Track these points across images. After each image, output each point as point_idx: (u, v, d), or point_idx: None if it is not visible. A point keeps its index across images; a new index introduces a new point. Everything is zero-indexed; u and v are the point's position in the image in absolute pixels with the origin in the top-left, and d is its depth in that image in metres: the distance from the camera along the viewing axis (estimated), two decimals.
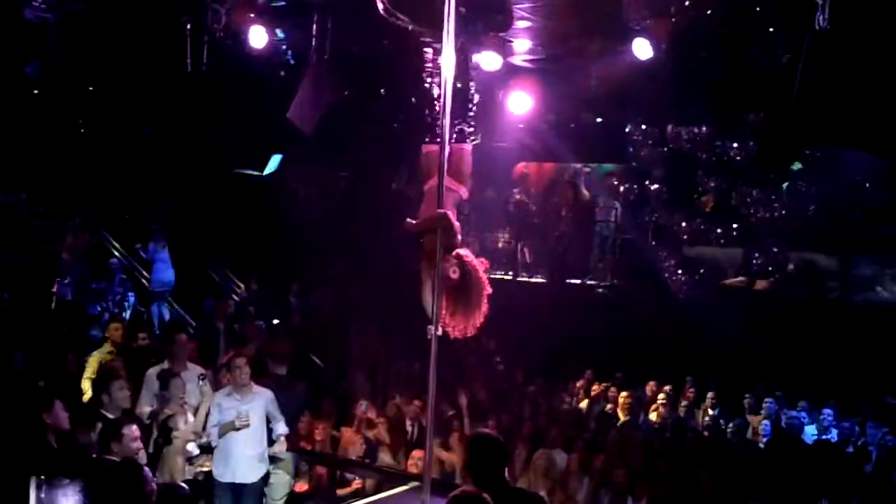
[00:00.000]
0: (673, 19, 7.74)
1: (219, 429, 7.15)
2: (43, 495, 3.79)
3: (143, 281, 13.79)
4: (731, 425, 9.80)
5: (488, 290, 5.08)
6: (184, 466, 6.72)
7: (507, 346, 12.65)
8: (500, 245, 15.40)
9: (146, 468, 4.57)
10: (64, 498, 3.81)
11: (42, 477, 3.88)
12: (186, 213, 14.87)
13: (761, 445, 9.66)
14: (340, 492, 8.25)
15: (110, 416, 6.08)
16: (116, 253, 14.39)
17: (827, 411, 10.25)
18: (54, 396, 6.02)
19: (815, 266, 13.06)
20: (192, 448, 7.07)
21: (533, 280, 14.74)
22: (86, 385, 7.76)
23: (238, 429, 7.10)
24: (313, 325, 13.25)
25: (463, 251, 5.12)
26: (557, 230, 14.61)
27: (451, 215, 5.05)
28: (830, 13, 6.33)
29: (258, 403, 7.32)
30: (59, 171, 15.10)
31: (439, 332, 4.88)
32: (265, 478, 7.50)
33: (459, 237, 5.10)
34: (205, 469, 7.31)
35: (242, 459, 7.19)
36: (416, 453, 8.31)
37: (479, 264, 5.14)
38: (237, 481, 7.22)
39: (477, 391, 10.83)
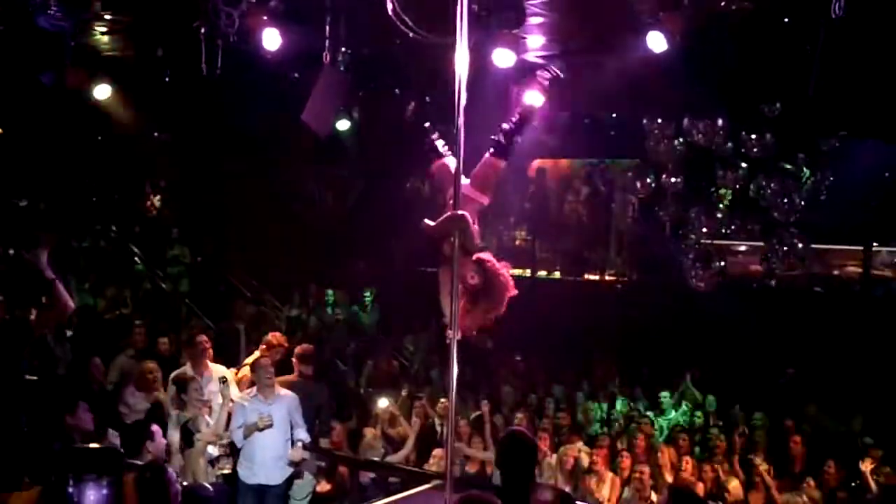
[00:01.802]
0: (687, 11, 7.68)
1: (243, 430, 7.20)
2: (72, 490, 3.85)
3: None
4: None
5: (513, 291, 5.09)
6: (206, 468, 6.74)
7: (526, 343, 12.63)
8: (517, 242, 15.39)
9: (171, 470, 4.60)
10: (94, 493, 3.87)
11: (72, 473, 3.94)
12: (203, 217, 14.94)
13: None
14: None
15: (128, 422, 6.13)
16: (137, 259, 14.49)
17: None
18: (78, 399, 6.07)
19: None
20: (213, 450, 7.10)
21: (550, 276, 14.73)
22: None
23: (261, 429, 7.14)
24: (330, 327, 13.29)
25: (484, 255, 5.12)
26: (574, 226, 14.60)
27: (469, 217, 5.03)
28: (847, 1, 6.27)
29: (281, 405, 7.36)
30: (76, 179, 15.20)
31: (458, 336, 4.87)
32: (289, 480, 7.53)
33: (478, 240, 5.10)
34: (225, 472, 7.35)
35: (266, 461, 7.23)
36: (437, 452, 8.32)
37: (502, 266, 5.13)
38: (261, 483, 7.26)
39: (498, 389, 10.85)
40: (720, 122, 10.75)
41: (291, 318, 12.72)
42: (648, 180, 12.80)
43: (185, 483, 5.85)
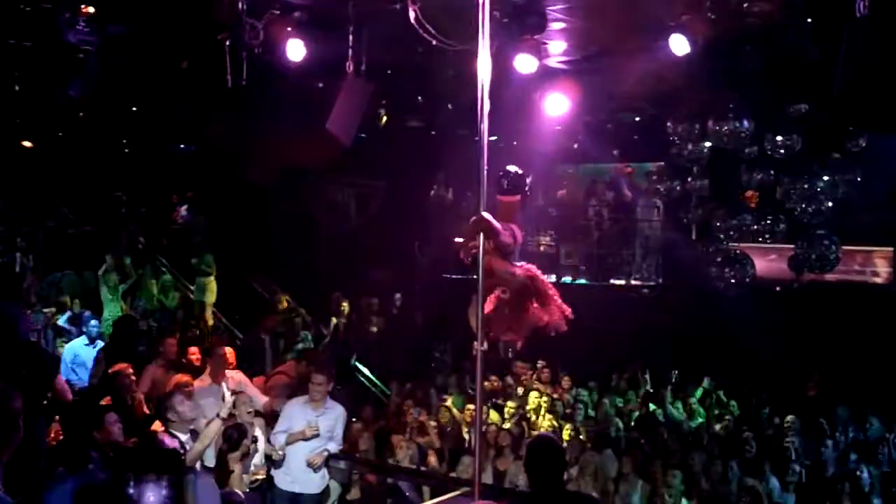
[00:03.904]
0: (709, 13, 7.66)
1: (287, 436, 7.22)
2: (132, 491, 3.89)
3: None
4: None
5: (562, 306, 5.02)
6: (240, 475, 6.76)
7: (552, 349, 12.58)
8: (541, 248, 15.34)
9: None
10: (153, 493, 3.91)
11: (132, 473, 4.01)
12: (227, 226, 15.06)
13: None
14: None
15: (181, 434, 6.18)
16: (165, 270, 14.63)
17: None
18: (104, 412, 6.12)
19: None
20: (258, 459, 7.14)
21: (575, 282, 14.68)
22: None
23: (308, 438, 7.17)
24: (356, 333, 13.32)
25: (527, 265, 5.05)
26: (599, 231, 14.55)
27: (490, 216, 4.95)
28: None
29: (329, 416, 7.38)
30: (105, 191, 15.39)
31: (484, 347, 4.84)
32: (326, 490, 7.54)
33: (502, 237, 4.97)
34: (259, 477, 7.37)
35: (304, 469, 7.25)
36: (465, 459, 8.31)
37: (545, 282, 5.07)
38: (297, 490, 7.28)
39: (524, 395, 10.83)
40: (745, 122, 10.65)
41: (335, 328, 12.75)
42: (673, 183, 12.73)
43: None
